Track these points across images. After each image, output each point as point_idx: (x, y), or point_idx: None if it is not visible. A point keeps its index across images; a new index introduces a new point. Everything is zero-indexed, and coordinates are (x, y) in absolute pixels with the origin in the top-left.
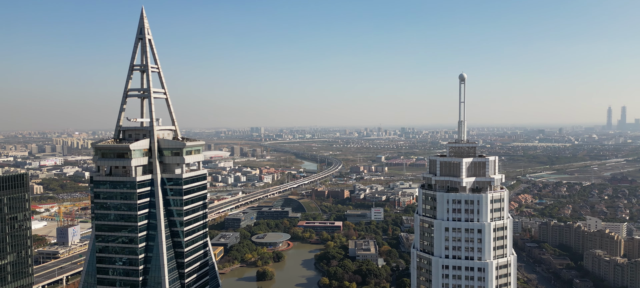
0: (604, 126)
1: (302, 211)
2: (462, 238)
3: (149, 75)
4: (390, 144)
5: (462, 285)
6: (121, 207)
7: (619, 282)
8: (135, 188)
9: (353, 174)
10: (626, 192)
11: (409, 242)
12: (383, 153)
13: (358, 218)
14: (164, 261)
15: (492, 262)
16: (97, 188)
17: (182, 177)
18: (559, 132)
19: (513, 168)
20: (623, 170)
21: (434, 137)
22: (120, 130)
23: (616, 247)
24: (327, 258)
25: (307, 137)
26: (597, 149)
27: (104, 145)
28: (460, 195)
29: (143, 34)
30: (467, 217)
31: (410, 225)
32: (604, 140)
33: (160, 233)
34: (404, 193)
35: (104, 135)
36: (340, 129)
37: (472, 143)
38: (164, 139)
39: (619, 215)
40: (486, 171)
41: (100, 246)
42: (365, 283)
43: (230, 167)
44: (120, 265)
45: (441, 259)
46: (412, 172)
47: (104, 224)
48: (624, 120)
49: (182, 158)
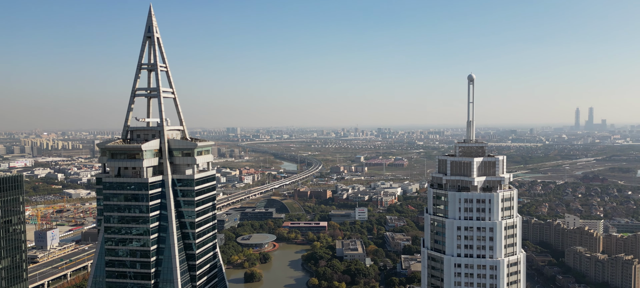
0: (573, 126)
1: (285, 212)
2: (474, 237)
3: (158, 74)
4: (368, 144)
5: (474, 283)
6: (132, 208)
7: (600, 278)
8: (147, 189)
9: (334, 174)
10: (598, 190)
11: (395, 241)
12: (361, 153)
13: (342, 218)
14: (176, 264)
15: (504, 260)
16: (106, 190)
17: (193, 178)
18: (530, 132)
19: None
20: (593, 169)
21: (410, 138)
22: (128, 131)
23: (595, 243)
24: (315, 259)
25: (285, 137)
26: (567, 149)
27: (114, 145)
28: (472, 194)
29: (151, 32)
30: (478, 215)
31: (395, 225)
32: (573, 140)
33: (171, 235)
34: (386, 193)
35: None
36: (317, 129)
37: (482, 143)
38: (175, 139)
39: (593, 212)
40: (496, 170)
41: (110, 249)
42: (354, 283)
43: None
44: (131, 268)
45: (454, 258)
46: (391, 172)
47: (114, 227)
48: (591, 121)
49: (194, 159)
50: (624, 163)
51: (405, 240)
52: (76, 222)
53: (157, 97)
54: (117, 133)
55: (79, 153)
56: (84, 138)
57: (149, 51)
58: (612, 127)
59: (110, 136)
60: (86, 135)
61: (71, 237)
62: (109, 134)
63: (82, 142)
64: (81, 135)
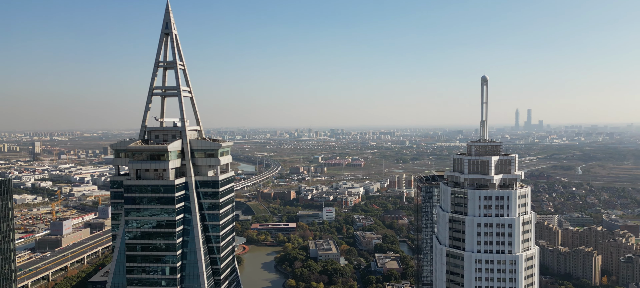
0: (513, 127)
1: (251, 213)
2: (494, 233)
3: (178, 71)
4: (323, 144)
5: (494, 278)
6: (158, 212)
7: (563, 269)
8: (174, 192)
9: (294, 175)
10: (546, 187)
11: (366, 240)
12: (319, 154)
13: (310, 218)
14: (202, 269)
15: (522, 254)
16: (128, 193)
17: (218, 179)
18: (475, 132)
19: (443, 166)
20: (538, 167)
21: (363, 138)
22: (145, 131)
23: (554, 237)
24: (289, 260)
25: (238, 138)
26: (511, 148)
27: (136, 146)
28: (491, 191)
29: (169, 28)
30: (497, 212)
31: (364, 224)
32: (516, 140)
33: (197, 240)
34: (350, 193)
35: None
36: (270, 130)
37: (496, 142)
38: (196, 139)
39: (544, 208)
40: (511, 168)
41: (132, 256)
42: (332, 283)
43: None
44: (155, 274)
45: (474, 254)
46: (350, 172)
47: (136, 231)
48: (529, 122)
49: (217, 160)
50: (564, 161)
51: (376, 239)
52: (25, 229)
53: (178, 95)
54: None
55: (16, 155)
56: (19, 140)
57: (165, 48)
58: (548, 127)
59: (49, 138)
60: (21, 136)
61: (23, 244)
62: (47, 135)
63: (18, 144)
64: (16, 136)
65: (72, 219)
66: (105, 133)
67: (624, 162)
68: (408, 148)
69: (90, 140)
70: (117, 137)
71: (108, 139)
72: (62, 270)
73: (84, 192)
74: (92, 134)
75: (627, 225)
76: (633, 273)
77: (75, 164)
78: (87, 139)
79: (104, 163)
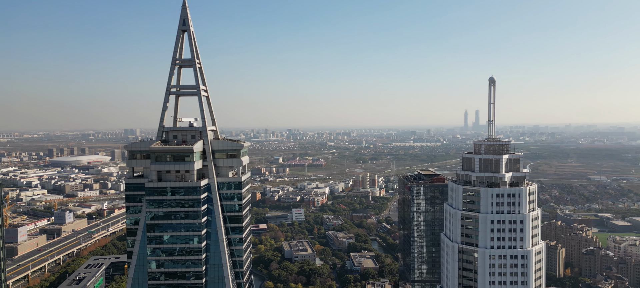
0: (462, 127)
1: None
2: (506, 230)
3: (197, 69)
4: (281, 145)
5: (507, 273)
6: (182, 215)
7: None
8: (200, 194)
9: (256, 176)
10: None
11: (339, 239)
12: (278, 154)
13: (280, 219)
14: (228, 273)
15: (532, 249)
16: (150, 196)
17: (241, 180)
18: (428, 132)
19: (401, 166)
20: None
21: (320, 138)
22: (163, 132)
23: None
24: (264, 262)
25: None
26: (463, 147)
27: (160, 147)
28: (503, 189)
29: (187, 25)
30: (509, 209)
31: (334, 224)
32: (466, 139)
33: (221, 243)
34: (316, 193)
35: None
36: (225, 130)
37: (505, 141)
38: (217, 139)
39: None
40: (520, 166)
41: (157, 261)
42: (310, 284)
43: (117, 172)
44: (180, 279)
45: (487, 250)
46: (312, 172)
47: (156, 236)
48: (477, 122)
49: (240, 160)
50: None
51: (349, 238)
52: None
53: (197, 94)
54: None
55: None
56: None
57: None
58: None
59: (7, 139)
60: None
61: None
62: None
63: None
64: None
65: (26, 225)
66: (47, 134)
67: (568, 160)
68: (366, 148)
69: (31, 141)
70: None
71: (51, 140)
72: (22, 280)
73: (33, 196)
74: (32, 135)
75: (581, 219)
76: (595, 265)
77: (19, 167)
78: (28, 141)
79: (50, 165)
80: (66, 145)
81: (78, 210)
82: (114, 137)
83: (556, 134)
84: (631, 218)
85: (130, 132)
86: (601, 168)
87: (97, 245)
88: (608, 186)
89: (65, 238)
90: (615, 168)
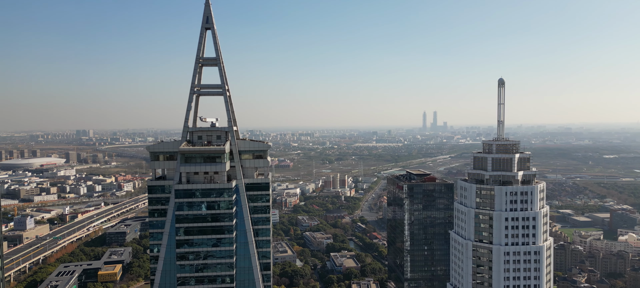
0: (421, 128)
1: None
2: (519, 226)
3: (222, 68)
4: None
5: (521, 268)
6: (213, 218)
7: None
8: (232, 196)
9: None
10: None
11: (317, 240)
12: None
13: None
14: (258, 276)
15: (543, 245)
16: (179, 199)
17: (268, 182)
18: (389, 133)
19: (367, 166)
20: (452, 165)
21: (283, 139)
22: (188, 132)
23: None
24: None
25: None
26: (425, 148)
27: (190, 149)
28: (516, 187)
29: (210, 22)
30: (522, 207)
31: (310, 224)
32: (426, 140)
33: (250, 245)
34: (288, 194)
35: None
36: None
37: (515, 141)
38: (244, 140)
39: None
40: (530, 164)
41: (186, 266)
42: (293, 285)
43: (75, 176)
44: (210, 285)
45: (502, 247)
46: (280, 173)
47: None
48: (435, 123)
49: (266, 161)
50: None
51: (327, 239)
52: None
53: (223, 94)
54: None
55: None
56: None
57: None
58: (452, 128)
59: None
60: None
61: None
62: None
63: None
64: None
65: None
66: None
67: None
68: (330, 149)
69: None
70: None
71: None
72: None
73: None
74: None
75: None
76: (566, 259)
77: None
78: None
79: (1, 169)
80: (15, 147)
81: (37, 216)
82: (66, 138)
83: (509, 134)
84: (590, 214)
85: (82, 133)
86: (555, 166)
87: (64, 252)
88: (564, 184)
89: (29, 245)
90: (568, 166)
